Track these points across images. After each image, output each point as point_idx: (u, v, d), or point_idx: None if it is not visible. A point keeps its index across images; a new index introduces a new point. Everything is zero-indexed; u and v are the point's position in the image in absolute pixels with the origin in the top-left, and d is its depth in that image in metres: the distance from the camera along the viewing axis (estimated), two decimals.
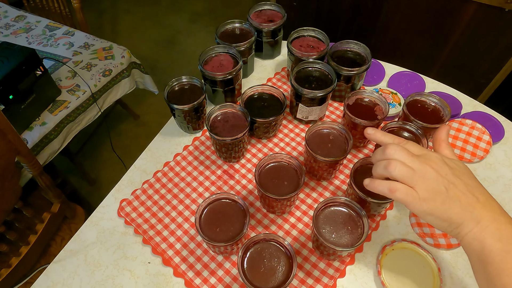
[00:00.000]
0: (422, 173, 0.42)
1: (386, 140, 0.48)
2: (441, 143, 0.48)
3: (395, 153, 0.44)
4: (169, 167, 0.74)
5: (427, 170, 0.42)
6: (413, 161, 0.43)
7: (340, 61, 0.77)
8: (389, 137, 0.48)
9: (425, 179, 0.42)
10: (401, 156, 0.44)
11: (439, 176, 0.42)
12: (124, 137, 1.86)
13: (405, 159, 0.44)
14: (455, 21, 1.22)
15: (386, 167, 0.44)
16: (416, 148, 0.46)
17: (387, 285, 0.56)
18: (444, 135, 0.48)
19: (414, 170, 0.43)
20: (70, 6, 1.51)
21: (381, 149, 0.46)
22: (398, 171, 0.43)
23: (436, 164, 0.43)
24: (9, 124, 0.81)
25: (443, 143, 0.48)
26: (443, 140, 0.48)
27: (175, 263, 0.61)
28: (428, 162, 0.43)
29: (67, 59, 1.31)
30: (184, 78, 0.75)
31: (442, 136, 0.48)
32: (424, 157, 0.44)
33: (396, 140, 0.47)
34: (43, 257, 1.02)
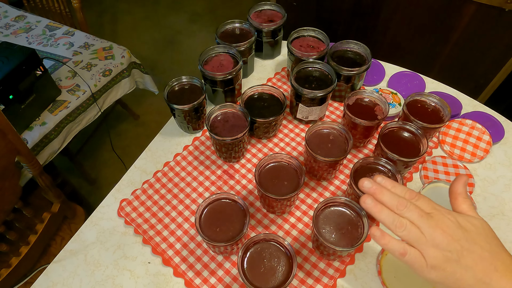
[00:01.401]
0: (431, 238, 0.38)
1: (397, 192, 0.43)
2: (458, 197, 0.44)
3: (406, 211, 0.40)
4: (169, 167, 0.74)
5: (438, 235, 0.38)
6: (423, 223, 0.39)
7: (340, 61, 0.77)
8: (399, 190, 0.43)
9: (435, 245, 0.38)
10: (411, 215, 0.40)
11: (451, 242, 0.38)
12: (124, 137, 1.86)
13: (415, 219, 0.40)
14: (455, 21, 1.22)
15: (395, 225, 0.40)
16: (429, 206, 0.41)
17: (387, 285, 0.56)
18: (461, 188, 0.44)
19: (424, 234, 0.39)
20: (70, 6, 1.50)
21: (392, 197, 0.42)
22: (406, 233, 0.39)
23: (448, 227, 0.39)
24: (9, 124, 0.81)
25: (460, 197, 0.43)
26: (459, 194, 0.44)
27: (175, 263, 0.61)
28: (440, 224, 0.39)
29: (67, 59, 1.31)
30: (184, 78, 0.75)
31: (459, 189, 0.44)
32: (436, 218, 0.40)
33: (407, 195, 0.42)
34: (43, 257, 1.02)
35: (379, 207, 0.41)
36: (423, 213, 0.40)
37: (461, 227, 0.39)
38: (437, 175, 0.70)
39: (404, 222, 0.40)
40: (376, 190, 0.42)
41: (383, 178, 0.44)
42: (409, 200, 0.41)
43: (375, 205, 0.41)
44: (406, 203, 0.41)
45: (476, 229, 0.40)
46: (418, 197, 0.42)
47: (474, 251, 0.38)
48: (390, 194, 0.42)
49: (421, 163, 0.72)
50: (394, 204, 0.41)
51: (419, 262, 0.39)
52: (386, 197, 0.42)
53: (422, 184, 0.70)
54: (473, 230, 0.39)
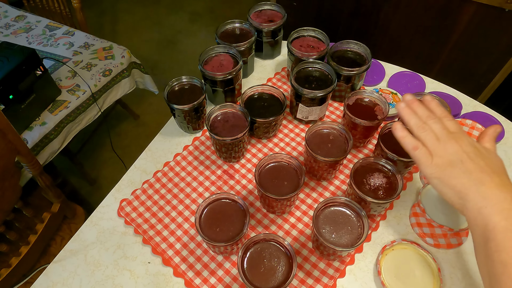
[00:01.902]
0: (444, 145, 0.44)
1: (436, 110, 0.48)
2: (485, 136, 0.47)
3: (433, 123, 0.46)
4: (169, 167, 0.74)
5: (451, 144, 0.44)
6: (443, 134, 0.45)
7: (340, 61, 0.77)
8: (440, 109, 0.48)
9: (445, 149, 0.43)
10: (436, 127, 0.45)
11: (460, 151, 0.43)
12: (124, 137, 1.86)
13: (438, 131, 0.45)
14: (455, 21, 1.22)
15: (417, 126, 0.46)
16: (455, 127, 0.46)
17: (387, 285, 0.56)
18: (492, 131, 0.48)
19: (439, 140, 0.44)
20: (70, 6, 1.51)
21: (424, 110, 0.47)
22: (425, 134, 0.45)
23: (463, 143, 0.44)
24: (9, 124, 0.81)
25: (487, 136, 0.47)
26: (487, 134, 0.47)
27: (175, 263, 0.61)
28: (457, 139, 0.44)
29: (67, 59, 1.31)
30: (184, 78, 0.75)
31: (489, 131, 0.48)
32: (456, 135, 0.45)
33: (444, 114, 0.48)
34: (43, 257, 1.02)
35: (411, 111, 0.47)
36: (447, 130, 0.45)
37: (476, 147, 0.44)
38: None
39: (427, 127, 0.45)
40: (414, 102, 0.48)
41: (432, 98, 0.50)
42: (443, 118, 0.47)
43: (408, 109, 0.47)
44: (436, 118, 0.46)
45: (489, 155, 0.44)
46: (450, 118, 0.47)
47: (478, 163, 0.42)
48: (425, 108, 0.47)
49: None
50: (425, 115, 0.46)
51: (426, 159, 0.44)
52: (420, 109, 0.48)
53: (422, 184, 0.70)
54: (485, 154, 0.44)
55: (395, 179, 0.60)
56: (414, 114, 0.47)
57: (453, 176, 0.42)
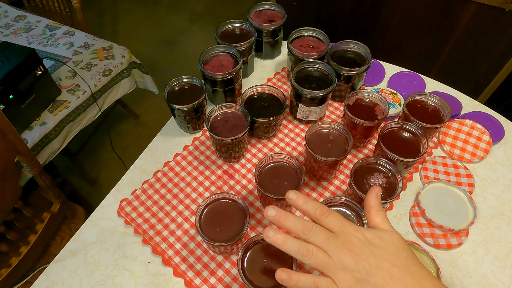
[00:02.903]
0: (339, 260, 0.38)
1: (307, 209, 0.42)
2: (371, 209, 0.43)
3: (312, 235, 0.39)
4: (169, 167, 0.74)
5: (345, 256, 0.38)
6: (330, 245, 0.38)
7: (340, 61, 0.77)
8: (311, 206, 0.42)
9: (343, 267, 0.37)
10: (317, 239, 0.39)
11: (359, 261, 0.37)
12: (124, 137, 1.86)
13: (321, 242, 0.39)
14: (455, 21, 1.22)
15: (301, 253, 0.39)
16: (338, 224, 0.40)
17: None
18: (374, 200, 0.43)
19: (331, 258, 0.38)
20: (70, 6, 1.51)
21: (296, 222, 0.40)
22: (314, 260, 0.38)
23: (355, 246, 0.38)
24: (9, 124, 0.81)
25: (372, 209, 0.43)
26: (372, 206, 0.43)
27: (175, 263, 0.61)
28: (347, 244, 0.38)
29: (67, 59, 1.31)
30: (184, 78, 0.75)
31: (371, 202, 0.43)
32: (342, 237, 0.39)
33: (318, 212, 0.41)
34: (43, 257, 1.02)
35: (282, 239, 0.39)
36: (329, 235, 0.39)
37: (369, 243, 0.38)
38: (437, 175, 0.70)
39: (311, 249, 0.38)
40: (280, 218, 0.40)
41: (295, 193, 0.43)
42: (319, 218, 0.40)
43: (277, 237, 0.39)
44: (311, 226, 0.39)
45: (385, 244, 0.39)
46: (328, 213, 0.41)
47: (383, 268, 0.37)
48: (295, 219, 0.40)
49: (421, 163, 0.72)
50: (300, 229, 0.39)
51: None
52: (290, 223, 0.40)
53: (422, 184, 0.70)
54: (382, 245, 0.39)
55: (395, 179, 0.60)
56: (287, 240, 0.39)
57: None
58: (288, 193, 0.43)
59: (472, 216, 0.63)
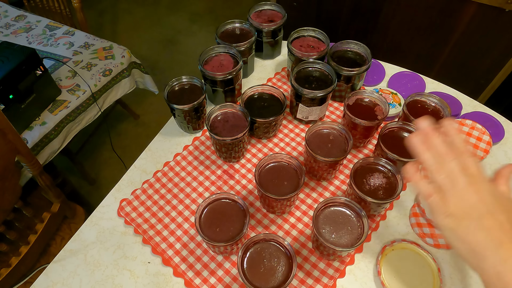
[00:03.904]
0: (463, 192, 0.39)
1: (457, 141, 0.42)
2: (501, 178, 0.43)
3: (450, 161, 0.40)
4: (169, 167, 0.74)
5: (469, 193, 0.39)
6: (462, 178, 0.39)
7: (340, 61, 0.77)
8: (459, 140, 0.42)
9: (463, 198, 0.39)
10: (453, 167, 0.40)
11: (479, 202, 0.39)
12: (124, 137, 1.86)
13: (456, 172, 0.40)
14: (455, 21, 1.22)
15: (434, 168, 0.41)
16: (475, 168, 0.41)
17: (387, 285, 0.57)
18: (507, 172, 0.44)
19: (457, 187, 0.39)
20: (70, 6, 1.50)
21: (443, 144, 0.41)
22: (443, 177, 0.40)
23: (483, 190, 0.39)
24: (9, 124, 0.81)
25: (503, 178, 0.43)
26: (503, 176, 0.43)
27: (175, 263, 0.61)
28: (476, 185, 0.39)
29: (67, 59, 1.31)
30: (184, 78, 0.75)
31: (504, 172, 0.44)
32: (476, 179, 0.40)
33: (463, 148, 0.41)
34: (43, 257, 1.02)
35: (426, 147, 0.41)
36: (466, 173, 0.40)
37: (495, 196, 0.39)
38: None
39: (444, 169, 0.40)
40: (430, 132, 0.42)
41: (451, 122, 0.43)
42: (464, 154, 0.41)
43: (422, 143, 0.41)
44: (455, 155, 0.40)
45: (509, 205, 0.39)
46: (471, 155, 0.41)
47: (497, 218, 0.38)
48: (442, 141, 0.41)
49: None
50: (443, 151, 0.41)
51: (440, 207, 0.39)
52: (437, 141, 0.41)
53: None
54: (505, 203, 0.39)
55: (395, 179, 0.60)
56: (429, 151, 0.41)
57: (469, 232, 0.38)
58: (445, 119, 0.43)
59: None
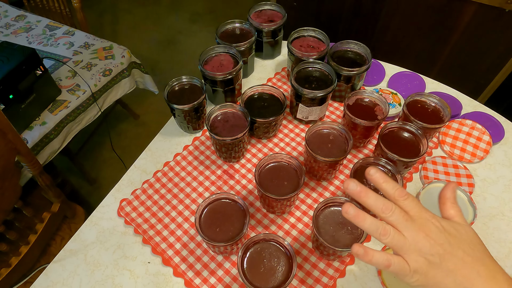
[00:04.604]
0: (414, 242, 0.38)
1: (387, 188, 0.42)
2: (446, 201, 0.43)
3: (391, 215, 0.39)
4: (169, 167, 0.74)
5: (421, 239, 0.38)
6: (407, 227, 0.39)
7: (340, 61, 0.77)
8: (391, 186, 0.41)
9: (417, 249, 0.38)
10: (396, 219, 0.39)
11: (434, 246, 0.38)
12: (124, 137, 1.86)
13: (399, 223, 0.39)
14: (455, 21, 1.22)
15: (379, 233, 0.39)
16: (415, 208, 0.40)
17: (387, 285, 0.56)
18: (450, 193, 0.44)
19: (406, 239, 0.39)
20: (70, 6, 1.50)
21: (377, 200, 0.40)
22: (390, 239, 0.39)
23: (431, 231, 0.39)
24: (9, 124, 0.81)
25: (448, 201, 0.43)
26: (447, 199, 0.43)
27: (175, 263, 0.61)
28: (424, 228, 0.39)
29: (67, 59, 1.31)
30: (184, 78, 0.75)
31: (447, 194, 0.44)
32: (420, 221, 0.39)
33: (397, 193, 0.41)
34: (43, 257, 1.02)
35: (362, 216, 0.40)
36: (408, 217, 0.39)
37: (445, 231, 0.39)
38: (437, 176, 0.70)
39: (388, 229, 0.39)
40: (361, 193, 0.41)
41: (376, 171, 0.42)
42: (398, 199, 0.40)
43: (357, 214, 0.40)
44: (392, 206, 0.39)
45: (460, 235, 0.39)
46: (407, 196, 0.41)
47: (457, 255, 0.38)
48: (376, 197, 0.40)
49: (421, 164, 0.72)
50: (380, 208, 0.40)
51: (403, 269, 0.39)
52: (371, 200, 0.40)
53: (422, 184, 0.70)
54: (457, 235, 0.39)
55: (395, 179, 0.60)
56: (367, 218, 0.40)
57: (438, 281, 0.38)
58: (369, 169, 0.42)
59: (472, 216, 0.63)
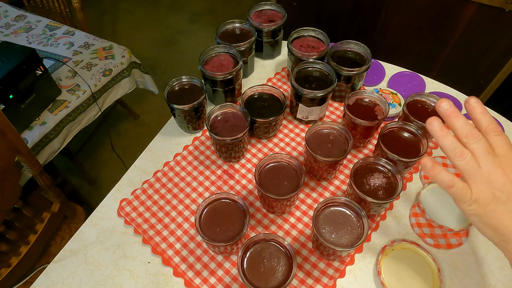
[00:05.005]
0: (488, 174, 0.37)
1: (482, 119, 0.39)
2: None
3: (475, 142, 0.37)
4: (169, 167, 0.74)
5: (496, 173, 0.37)
6: (487, 159, 0.37)
7: (340, 61, 0.77)
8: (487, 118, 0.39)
9: (488, 181, 0.37)
10: (478, 147, 0.37)
11: (507, 184, 0.36)
12: (124, 137, 1.86)
13: (480, 152, 0.37)
14: (455, 21, 1.22)
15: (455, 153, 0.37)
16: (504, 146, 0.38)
17: (387, 285, 0.57)
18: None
19: (480, 169, 0.37)
20: (70, 6, 1.50)
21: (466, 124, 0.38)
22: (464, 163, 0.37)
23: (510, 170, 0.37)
24: (9, 124, 0.81)
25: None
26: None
27: (175, 263, 0.61)
28: (504, 166, 0.37)
29: (67, 59, 1.31)
30: (184, 78, 0.75)
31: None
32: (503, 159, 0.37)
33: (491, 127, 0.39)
34: (43, 257, 1.02)
35: (445, 132, 0.39)
36: (491, 150, 0.38)
37: None
38: None
39: (466, 153, 0.37)
40: (452, 114, 0.39)
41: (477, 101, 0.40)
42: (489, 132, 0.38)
43: (441, 128, 0.39)
44: (478, 135, 0.38)
45: None
46: (500, 133, 0.39)
47: None
48: (465, 121, 0.39)
49: None
50: (465, 133, 0.38)
51: (464, 195, 0.37)
52: (459, 123, 0.39)
53: (422, 184, 0.70)
54: None
55: (395, 179, 0.60)
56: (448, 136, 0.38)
57: (496, 215, 0.36)
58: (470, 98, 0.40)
59: None
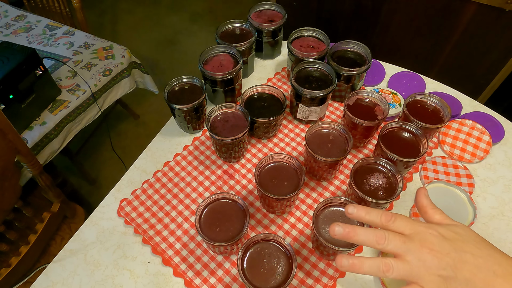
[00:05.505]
0: (421, 263, 0.36)
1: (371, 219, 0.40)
2: (427, 210, 0.42)
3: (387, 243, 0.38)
4: (169, 167, 0.74)
5: (426, 257, 0.36)
6: (408, 250, 0.37)
7: (340, 61, 0.77)
8: (374, 215, 0.40)
9: (427, 269, 0.36)
10: (394, 246, 0.37)
11: (442, 259, 0.36)
12: (124, 137, 1.86)
13: (399, 248, 0.37)
14: (455, 21, 1.22)
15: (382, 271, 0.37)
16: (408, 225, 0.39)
17: (387, 285, 0.56)
18: (425, 200, 0.42)
19: (411, 263, 0.36)
20: (70, 6, 1.51)
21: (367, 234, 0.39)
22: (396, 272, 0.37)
23: (433, 244, 0.37)
24: (9, 124, 0.81)
25: (428, 208, 0.42)
26: (426, 206, 0.42)
27: (175, 263, 0.61)
28: (424, 243, 0.37)
29: (67, 59, 1.31)
30: (184, 78, 0.75)
31: (424, 202, 0.42)
32: (417, 237, 0.37)
33: (383, 218, 0.39)
34: (43, 257, 1.02)
35: (358, 264, 0.38)
36: (404, 238, 0.38)
37: (445, 239, 0.37)
38: (437, 176, 0.70)
39: (389, 263, 0.37)
40: (349, 233, 0.39)
41: (354, 207, 0.41)
42: (386, 224, 0.39)
43: (353, 264, 0.38)
44: (384, 234, 0.38)
45: (462, 237, 0.38)
46: (394, 217, 0.39)
47: (467, 260, 0.36)
48: (364, 231, 0.39)
49: (421, 164, 0.72)
50: (374, 240, 0.38)
51: None
52: (362, 236, 0.39)
53: (422, 185, 0.70)
54: (459, 238, 0.37)
55: (395, 179, 0.60)
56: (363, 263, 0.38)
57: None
58: (347, 208, 0.41)
59: (472, 216, 0.63)
